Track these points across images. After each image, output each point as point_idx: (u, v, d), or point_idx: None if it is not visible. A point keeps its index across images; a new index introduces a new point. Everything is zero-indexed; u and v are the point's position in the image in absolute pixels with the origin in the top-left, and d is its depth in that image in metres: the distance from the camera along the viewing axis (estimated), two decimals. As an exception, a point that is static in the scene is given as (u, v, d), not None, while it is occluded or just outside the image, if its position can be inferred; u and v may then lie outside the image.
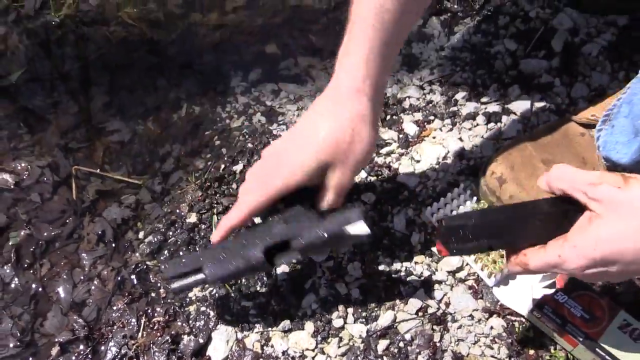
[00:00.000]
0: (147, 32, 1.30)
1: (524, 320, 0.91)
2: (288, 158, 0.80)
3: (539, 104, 1.13)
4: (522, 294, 0.92)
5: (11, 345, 0.93)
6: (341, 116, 0.79)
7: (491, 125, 1.11)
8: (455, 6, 1.34)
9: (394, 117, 1.14)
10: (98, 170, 1.10)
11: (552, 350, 0.88)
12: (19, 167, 1.09)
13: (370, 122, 0.80)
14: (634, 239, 0.61)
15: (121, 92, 1.21)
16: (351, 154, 0.79)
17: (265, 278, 0.94)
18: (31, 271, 1.00)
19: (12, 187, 1.08)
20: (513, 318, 0.91)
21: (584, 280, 0.80)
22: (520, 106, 1.12)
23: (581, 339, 0.83)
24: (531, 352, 0.88)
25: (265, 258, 0.81)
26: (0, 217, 1.04)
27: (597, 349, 0.82)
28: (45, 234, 1.03)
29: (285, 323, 0.91)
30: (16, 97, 1.20)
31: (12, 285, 0.98)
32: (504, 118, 1.11)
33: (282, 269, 0.97)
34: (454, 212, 0.99)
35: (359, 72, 0.79)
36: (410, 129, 1.11)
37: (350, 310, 0.93)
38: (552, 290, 0.87)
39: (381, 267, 0.96)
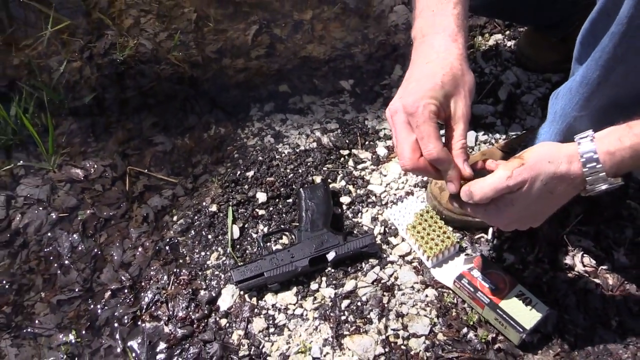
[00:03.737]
0: (189, 70, 1.65)
1: (450, 291, 1.21)
2: (418, 95, 0.90)
3: (482, 137, 1.46)
4: (450, 272, 1.23)
5: (76, 289, 1.26)
6: (450, 57, 0.93)
7: (443, 151, 1.44)
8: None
9: (371, 143, 1.47)
10: (146, 171, 1.44)
11: (469, 312, 1.18)
12: (87, 165, 1.44)
13: (467, 60, 0.95)
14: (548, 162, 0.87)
15: (166, 115, 1.55)
16: (465, 84, 0.93)
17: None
18: (93, 239, 1.33)
19: (81, 179, 1.43)
20: (443, 290, 1.22)
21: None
22: (467, 139, 1.45)
23: (486, 303, 1.14)
24: (454, 313, 1.19)
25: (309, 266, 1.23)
26: (72, 200, 1.39)
27: (497, 310, 1.12)
28: (104, 213, 1.37)
29: (276, 285, 1.23)
30: (87, 114, 1.55)
31: (79, 248, 1.32)
32: (454, 147, 1.44)
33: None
34: (406, 209, 1.32)
35: (452, 27, 0.95)
36: (382, 152, 1.44)
37: (324, 279, 1.25)
38: (470, 268, 1.19)
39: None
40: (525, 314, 1.11)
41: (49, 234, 1.34)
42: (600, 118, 0.99)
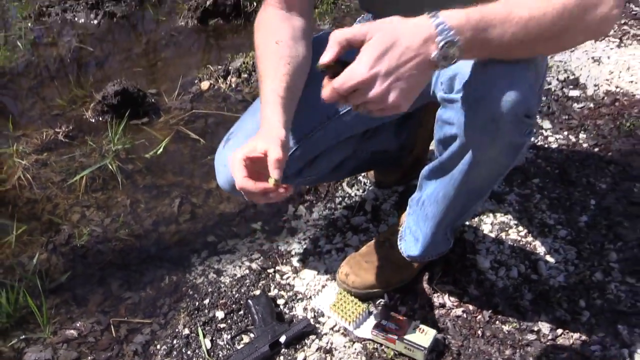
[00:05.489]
0: (136, 241, 2.11)
1: (370, 341, 1.72)
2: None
3: (363, 238, 2.06)
4: (367, 328, 1.74)
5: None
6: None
7: (340, 253, 2.01)
8: (311, 197, 2.29)
9: (287, 259, 2.00)
10: (125, 319, 1.86)
11: (386, 350, 1.69)
12: (78, 325, 1.83)
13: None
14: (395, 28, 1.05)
15: (127, 276, 1.99)
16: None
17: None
18: (99, 377, 1.71)
19: (76, 336, 1.80)
20: (365, 341, 1.72)
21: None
22: (353, 241, 2.04)
23: (396, 338, 1.66)
24: (377, 354, 1.69)
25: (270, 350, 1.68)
26: (73, 354, 1.76)
27: (404, 341, 1.65)
28: (102, 356, 1.74)
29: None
30: (66, 290, 1.96)
31: (90, 386, 1.69)
32: (346, 249, 2.02)
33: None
34: (325, 296, 1.84)
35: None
36: (297, 264, 1.98)
37: (282, 357, 1.71)
38: (379, 320, 1.71)
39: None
40: (423, 338, 1.64)
41: (62, 382, 1.70)
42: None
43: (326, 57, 1.07)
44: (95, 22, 3.22)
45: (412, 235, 1.75)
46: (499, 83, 1.24)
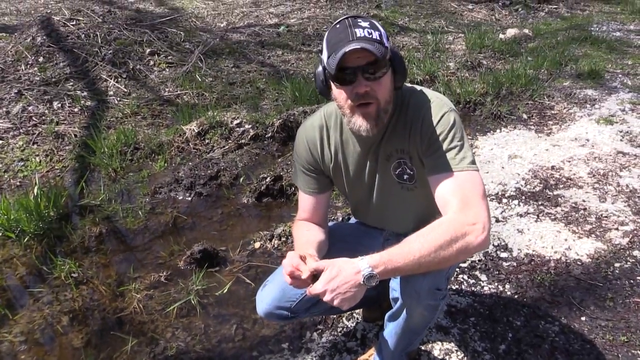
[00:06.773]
0: (205, 352, 2.53)
1: None
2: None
3: (354, 357, 2.42)
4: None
5: None
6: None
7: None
8: (322, 327, 2.69)
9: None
10: (196, 408, 2.24)
11: None
12: (166, 411, 2.22)
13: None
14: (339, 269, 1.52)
15: None
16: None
17: None
18: None
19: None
20: None
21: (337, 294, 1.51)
22: (347, 359, 2.42)
23: None
24: None
25: None
26: None
27: None
28: None
29: None
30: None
31: None
32: None
33: None
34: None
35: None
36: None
37: None
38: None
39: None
40: None
41: None
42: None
43: (308, 278, 1.57)
44: (189, 198, 3.80)
45: (379, 357, 2.14)
46: None
